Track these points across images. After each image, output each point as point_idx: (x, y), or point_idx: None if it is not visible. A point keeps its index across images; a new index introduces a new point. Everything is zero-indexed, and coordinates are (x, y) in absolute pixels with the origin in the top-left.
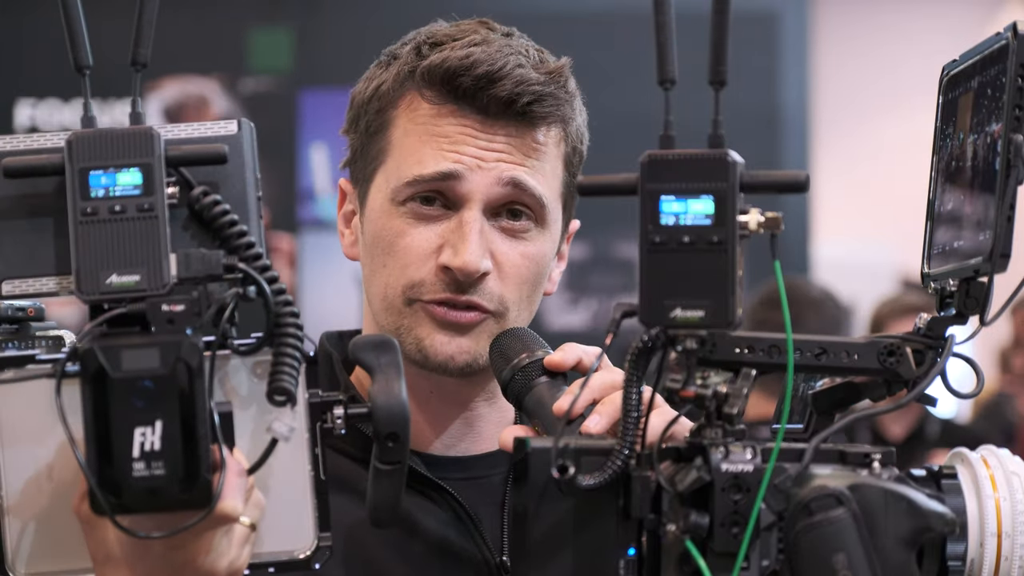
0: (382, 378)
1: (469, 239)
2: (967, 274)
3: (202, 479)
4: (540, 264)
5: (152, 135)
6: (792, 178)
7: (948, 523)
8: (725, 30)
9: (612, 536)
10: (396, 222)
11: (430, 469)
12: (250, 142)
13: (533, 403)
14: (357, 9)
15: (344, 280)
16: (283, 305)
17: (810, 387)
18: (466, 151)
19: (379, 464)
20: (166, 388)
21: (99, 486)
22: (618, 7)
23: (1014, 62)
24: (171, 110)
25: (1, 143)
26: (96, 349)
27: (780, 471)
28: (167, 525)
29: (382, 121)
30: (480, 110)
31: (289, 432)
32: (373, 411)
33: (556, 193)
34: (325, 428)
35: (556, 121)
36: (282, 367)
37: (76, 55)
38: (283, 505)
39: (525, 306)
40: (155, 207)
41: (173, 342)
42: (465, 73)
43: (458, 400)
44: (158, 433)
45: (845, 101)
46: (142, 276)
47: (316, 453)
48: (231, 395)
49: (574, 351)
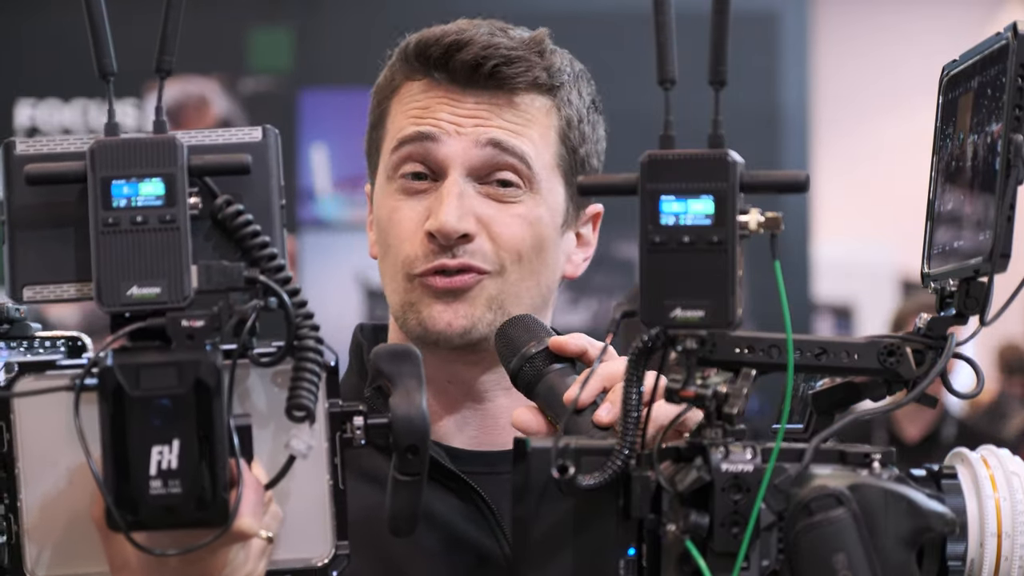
0: (402, 389)
1: (445, 201)
2: (967, 274)
3: (219, 497)
4: (534, 227)
5: (175, 145)
6: (792, 178)
7: (948, 523)
8: (725, 30)
9: (612, 536)
10: (389, 200)
11: (454, 462)
12: (275, 150)
13: (544, 391)
14: (357, 9)
15: (344, 280)
16: (304, 318)
17: (810, 387)
18: (442, 117)
19: (398, 475)
20: (184, 407)
21: (115, 503)
22: (619, 7)
23: (1014, 62)
24: (171, 110)
25: (23, 147)
26: (115, 367)
27: (780, 471)
28: (183, 542)
29: (380, 113)
30: (452, 78)
31: (307, 450)
32: (393, 422)
33: (547, 161)
34: (345, 438)
35: (533, 87)
36: (301, 383)
37: (101, 61)
38: (301, 513)
39: (527, 273)
40: (177, 218)
41: (192, 361)
42: (435, 44)
43: (472, 388)
44: (175, 452)
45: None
46: (163, 288)
47: (335, 463)
48: (250, 408)
49: (580, 339)
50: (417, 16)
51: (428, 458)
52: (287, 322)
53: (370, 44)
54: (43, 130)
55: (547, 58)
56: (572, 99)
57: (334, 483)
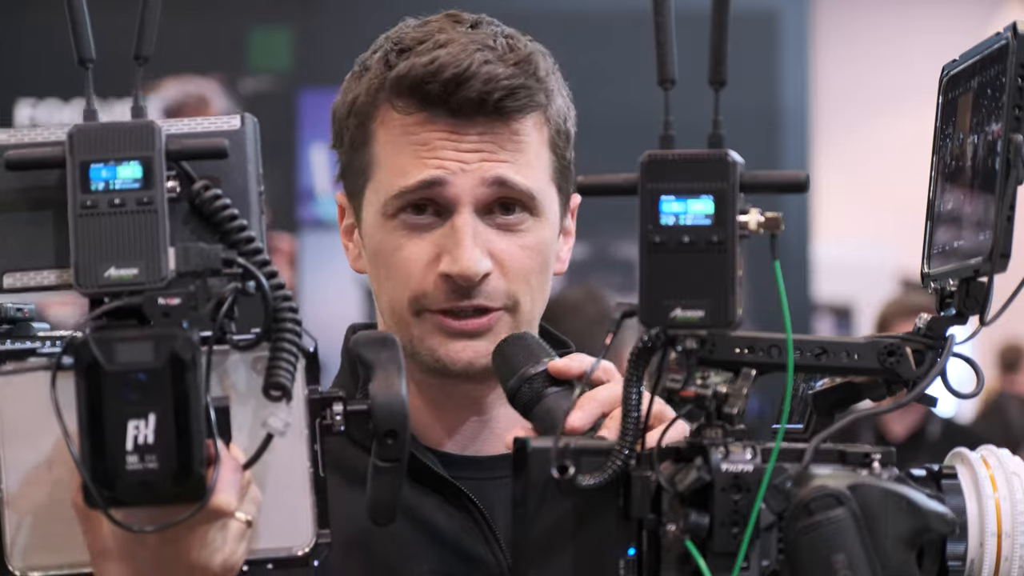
0: (382, 374)
1: (464, 244)
2: (967, 274)
3: (195, 473)
4: (542, 252)
5: (153, 129)
6: (792, 178)
7: (948, 523)
8: (725, 30)
9: (612, 536)
10: (391, 236)
11: (447, 468)
12: (253, 137)
13: (542, 414)
14: (356, 9)
15: (344, 280)
16: (282, 300)
17: (810, 387)
18: (447, 155)
19: (378, 461)
20: (159, 381)
21: (92, 479)
22: (618, 7)
23: (1014, 62)
24: (171, 110)
25: (4, 136)
26: (90, 341)
27: (780, 471)
28: (161, 519)
29: (363, 135)
30: (453, 113)
31: (284, 427)
32: (372, 408)
33: (545, 179)
34: (324, 425)
35: (532, 109)
36: (279, 362)
37: (79, 48)
38: (282, 501)
39: (538, 295)
40: (154, 201)
41: (167, 335)
42: (432, 80)
43: (473, 404)
44: (151, 426)
45: (845, 101)
46: (140, 269)
47: (315, 449)
48: (229, 390)
49: (581, 361)
50: (414, 16)
51: (408, 444)
52: (264, 304)
53: (370, 44)
54: None
55: (542, 78)
56: (558, 104)
57: (314, 470)
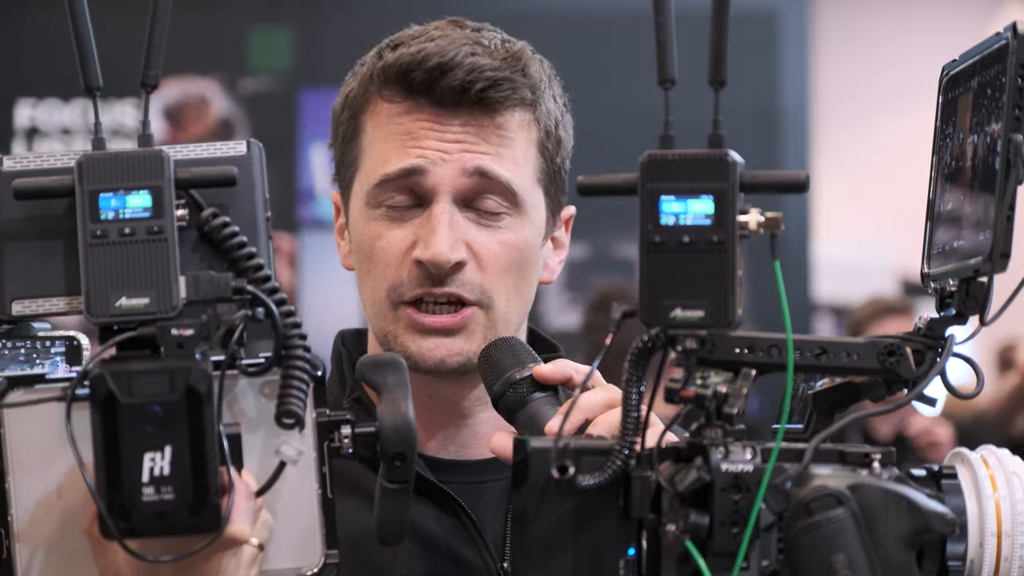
0: (389, 398)
1: (438, 231)
2: (967, 274)
3: (211, 503)
4: (522, 251)
5: (162, 158)
6: (792, 178)
7: (948, 523)
8: (725, 30)
9: (612, 536)
10: (372, 226)
11: (435, 472)
12: (259, 162)
13: (526, 419)
14: (356, 9)
15: (344, 280)
16: (291, 327)
17: (810, 387)
18: (428, 144)
19: (386, 483)
20: (175, 414)
21: (108, 511)
22: (618, 7)
23: (1014, 62)
24: (171, 110)
25: (11, 163)
26: (106, 375)
27: (780, 471)
28: (176, 549)
29: (354, 128)
30: (436, 102)
31: (297, 456)
32: (380, 431)
33: (530, 179)
34: (332, 447)
35: (517, 105)
36: (291, 391)
37: (87, 76)
38: (291, 523)
39: (515, 296)
40: (164, 230)
41: (183, 368)
42: (417, 68)
43: (456, 407)
44: (167, 458)
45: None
46: (151, 299)
47: (324, 472)
48: (239, 416)
49: (564, 367)
50: (416, 16)
51: (415, 466)
52: (275, 332)
53: (369, 44)
54: (43, 130)
55: (530, 75)
56: (549, 107)
57: (323, 492)
